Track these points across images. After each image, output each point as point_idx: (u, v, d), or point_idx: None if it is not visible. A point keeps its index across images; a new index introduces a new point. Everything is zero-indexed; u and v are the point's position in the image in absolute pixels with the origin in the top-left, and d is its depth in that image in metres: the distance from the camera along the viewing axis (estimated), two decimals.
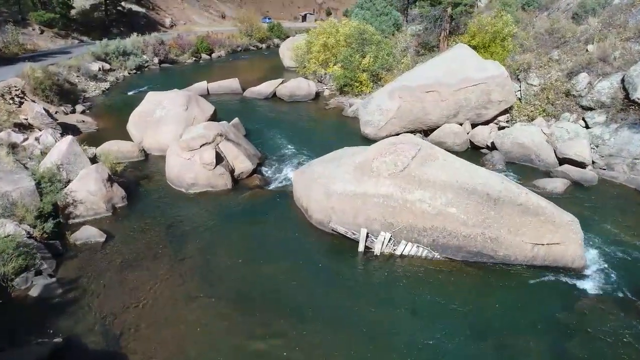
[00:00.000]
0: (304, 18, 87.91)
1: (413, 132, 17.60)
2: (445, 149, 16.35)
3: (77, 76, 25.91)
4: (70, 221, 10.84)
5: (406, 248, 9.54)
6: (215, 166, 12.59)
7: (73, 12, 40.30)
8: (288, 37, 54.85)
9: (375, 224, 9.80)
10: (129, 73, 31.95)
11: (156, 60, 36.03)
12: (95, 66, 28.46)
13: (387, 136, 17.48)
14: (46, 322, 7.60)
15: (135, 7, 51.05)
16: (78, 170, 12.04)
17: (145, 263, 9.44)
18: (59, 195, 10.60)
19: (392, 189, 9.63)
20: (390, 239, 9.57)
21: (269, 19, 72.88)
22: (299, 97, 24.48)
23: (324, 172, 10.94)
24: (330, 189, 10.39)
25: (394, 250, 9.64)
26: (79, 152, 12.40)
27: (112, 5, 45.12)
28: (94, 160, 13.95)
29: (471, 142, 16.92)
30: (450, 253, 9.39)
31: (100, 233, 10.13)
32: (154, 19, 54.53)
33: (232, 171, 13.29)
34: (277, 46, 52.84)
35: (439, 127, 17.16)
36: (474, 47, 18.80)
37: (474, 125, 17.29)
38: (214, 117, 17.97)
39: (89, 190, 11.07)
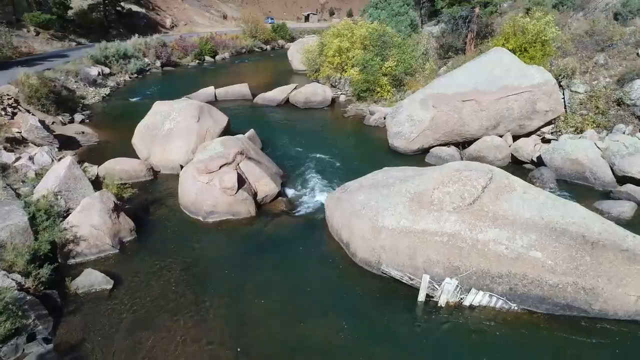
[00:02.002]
0: (307, 18, 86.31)
1: (447, 144, 16.00)
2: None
3: (75, 82, 24.20)
4: (71, 261, 9.18)
5: (476, 297, 7.92)
6: (237, 190, 10.95)
7: (70, 12, 38.57)
8: (293, 38, 53.37)
9: (437, 267, 8.18)
10: (130, 77, 30.24)
11: (158, 63, 34.33)
12: (94, 71, 26.77)
13: (419, 149, 15.96)
14: None
15: (134, 8, 49.29)
16: (79, 197, 10.40)
17: (163, 319, 7.78)
18: (56, 231, 8.93)
19: (459, 227, 8.01)
20: (457, 286, 7.94)
21: (272, 19, 71.27)
22: (314, 104, 22.83)
23: (369, 202, 9.31)
24: (379, 223, 8.76)
25: (461, 299, 8.02)
26: (80, 175, 10.73)
27: (111, 6, 43.35)
28: (96, 182, 12.32)
29: (512, 156, 15.31)
30: (532, 304, 7.77)
31: (107, 278, 8.46)
32: (154, 20, 52.81)
33: (254, 195, 11.65)
34: (282, 47, 51.38)
35: (476, 139, 15.55)
36: (510, 51, 17.17)
37: (515, 138, 15.69)
38: (227, 129, 16.35)
39: (92, 223, 9.41)
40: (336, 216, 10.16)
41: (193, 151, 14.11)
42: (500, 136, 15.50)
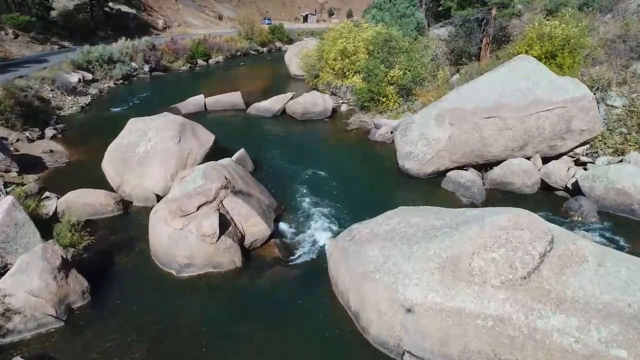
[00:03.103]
0: (306, 19, 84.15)
1: (465, 167, 13.96)
2: (511, 191, 13.03)
3: (52, 90, 22.05)
4: None
5: None
6: (219, 237, 8.88)
7: (54, 13, 36.36)
8: (291, 40, 51.34)
9: None
10: (115, 84, 28.10)
11: (147, 68, 32.14)
12: (74, 77, 24.60)
13: (433, 172, 13.92)
14: None
15: (124, 8, 47.08)
16: (20, 249, 8.34)
17: None
18: None
19: (509, 308, 5.97)
20: None
21: (269, 19, 69.17)
22: (313, 115, 20.74)
23: (385, 261, 7.26)
24: (399, 294, 6.71)
25: None
26: (23, 220, 8.63)
27: (98, 6, 41.15)
28: (53, 218, 10.27)
29: (542, 182, 13.28)
30: None
31: None
32: (145, 21, 50.64)
33: (241, 239, 9.58)
34: (279, 50, 49.37)
35: (499, 161, 13.53)
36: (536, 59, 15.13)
37: (544, 160, 13.67)
38: (214, 149, 14.27)
39: (30, 289, 7.33)
40: (342, 273, 8.11)
41: (172, 178, 12.07)
42: (528, 158, 13.48)
